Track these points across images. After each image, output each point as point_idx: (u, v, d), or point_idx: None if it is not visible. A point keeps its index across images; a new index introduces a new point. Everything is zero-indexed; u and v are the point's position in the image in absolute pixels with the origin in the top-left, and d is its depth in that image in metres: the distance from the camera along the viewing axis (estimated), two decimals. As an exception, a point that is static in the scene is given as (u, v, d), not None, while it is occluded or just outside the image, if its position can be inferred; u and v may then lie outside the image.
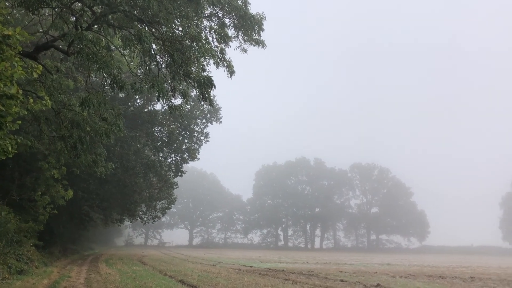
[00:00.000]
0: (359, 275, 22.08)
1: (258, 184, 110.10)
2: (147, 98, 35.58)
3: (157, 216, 45.37)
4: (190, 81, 14.81)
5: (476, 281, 20.33)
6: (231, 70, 15.68)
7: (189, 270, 22.03)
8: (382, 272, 25.10)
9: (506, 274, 26.27)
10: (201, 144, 40.47)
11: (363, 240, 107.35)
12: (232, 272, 21.76)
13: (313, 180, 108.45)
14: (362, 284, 17.10)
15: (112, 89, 14.42)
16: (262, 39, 16.21)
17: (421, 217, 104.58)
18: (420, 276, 22.56)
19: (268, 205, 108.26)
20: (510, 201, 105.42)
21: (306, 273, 22.05)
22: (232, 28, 15.95)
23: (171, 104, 15.52)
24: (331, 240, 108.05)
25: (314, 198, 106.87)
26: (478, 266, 35.69)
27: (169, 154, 39.52)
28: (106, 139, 16.29)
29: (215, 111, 39.92)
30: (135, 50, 14.50)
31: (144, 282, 15.66)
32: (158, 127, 37.67)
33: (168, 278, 18.10)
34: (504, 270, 31.23)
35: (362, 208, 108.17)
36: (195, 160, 40.76)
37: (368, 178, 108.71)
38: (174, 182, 42.67)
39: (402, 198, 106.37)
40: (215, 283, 15.97)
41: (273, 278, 18.86)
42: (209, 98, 14.95)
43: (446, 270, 29.15)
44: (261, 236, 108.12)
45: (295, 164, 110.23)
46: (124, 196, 37.01)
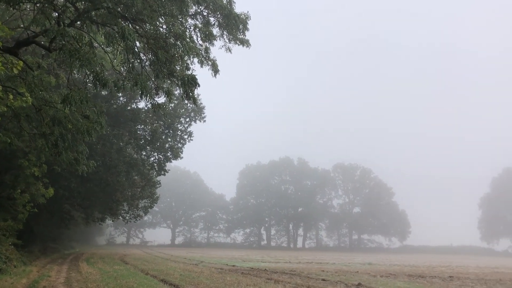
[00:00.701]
0: (340, 274, 22.27)
1: (241, 184, 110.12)
2: (130, 96, 35.27)
3: (139, 215, 45.08)
4: (174, 80, 14.72)
5: (454, 280, 20.69)
6: (216, 69, 15.64)
7: (171, 269, 21.93)
8: (364, 271, 25.34)
9: (484, 273, 26.81)
10: (185, 143, 40.32)
11: (345, 239, 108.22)
12: (214, 271, 21.73)
13: (297, 179, 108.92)
14: (344, 284, 17.24)
15: (95, 86, 14.23)
16: (247, 39, 16.19)
17: (402, 217, 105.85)
18: (401, 275, 22.85)
19: (251, 204, 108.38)
20: (488, 202, 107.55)
21: (288, 273, 22.15)
22: (216, 27, 15.89)
23: (155, 103, 15.41)
24: (313, 240, 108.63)
25: (297, 197, 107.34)
26: (457, 266, 36.31)
27: (152, 152, 39.26)
28: (88, 137, 16.08)
29: (199, 110, 39.81)
30: (119, 47, 14.35)
31: (125, 282, 15.54)
32: (141, 126, 37.36)
33: (150, 277, 17.99)
34: (482, 269, 31.85)
35: (345, 208, 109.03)
36: (178, 159, 40.62)
37: (350, 178, 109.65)
38: (157, 181, 42.47)
39: (384, 198, 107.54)
40: (197, 282, 15.93)
41: (256, 277, 18.89)
42: (193, 96, 14.87)
43: (426, 269, 29.58)
44: (244, 236, 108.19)
45: (278, 164, 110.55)
46: (106, 195, 36.66)
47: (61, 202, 35.19)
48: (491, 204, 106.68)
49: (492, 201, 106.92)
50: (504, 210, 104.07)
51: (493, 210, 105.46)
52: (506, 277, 23.42)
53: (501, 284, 19.45)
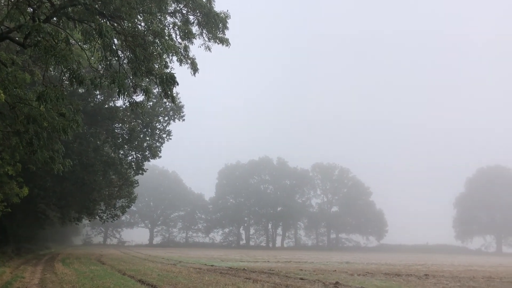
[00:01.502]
0: (318, 273, 22.42)
1: (221, 183, 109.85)
2: (108, 94, 34.83)
3: (116, 214, 44.56)
4: (152, 78, 14.60)
5: (430, 278, 21.05)
6: (195, 67, 15.56)
7: (148, 270, 21.74)
8: (341, 270, 25.57)
9: (458, 271, 27.38)
10: (163, 142, 39.98)
11: (323, 238, 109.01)
12: (192, 271, 21.62)
13: (276, 179, 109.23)
14: (322, 282, 17.36)
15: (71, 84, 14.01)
16: (226, 38, 16.17)
17: (379, 216, 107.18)
18: (378, 274, 23.13)
19: (230, 204, 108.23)
20: (463, 201, 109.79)
21: (267, 272, 22.19)
22: (196, 25, 15.82)
23: (133, 101, 15.25)
24: (292, 239, 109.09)
25: (276, 197, 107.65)
26: (432, 264, 36.96)
27: (129, 151, 38.82)
28: (64, 135, 15.80)
29: (178, 109, 39.52)
30: (96, 44, 14.14)
31: (102, 282, 15.33)
32: (118, 124, 36.91)
33: (127, 277, 17.79)
34: (456, 267, 32.52)
35: (323, 207, 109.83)
36: (156, 158, 40.25)
37: (329, 178, 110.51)
38: (135, 180, 42.03)
39: (361, 197, 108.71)
40: (175, 283, 15.82)
41: (234, 277, 18.87)
42: (172, 95, 14.77)
43: (402, 268, 30.03)
44: (223, 235, 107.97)
45: (258, 163, 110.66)
46: (83, 194, 36.12)
47: (36, 201, 34.53)
48: (466, 203, 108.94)
49: (466, 201, 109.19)
50: (477, 210, 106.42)
51: (468, 209, 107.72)
52: (479, 275, 23.97)
53: (474, 281, 19.88)
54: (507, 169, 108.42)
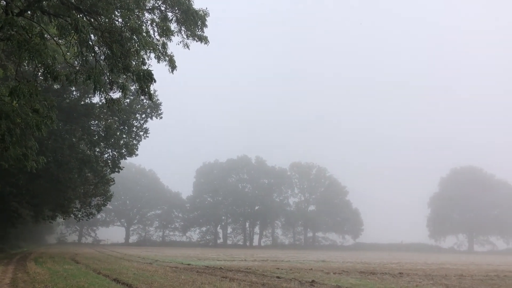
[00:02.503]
0: (295, 271, 22.53)
1: (198, 182, 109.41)
2: (84, 90, 34.27)
3: (92, 213, 43.96)
4: (130, 74, 14.43)
5: (404, 276, 21.38)
6: (173, 65, 15.45)
7: (124, 269, 21.47)
8: (317, 268, 25.76)
9: (431, 269, 27.90)
10: (140, 140, 39.59)
11: (300, 237, 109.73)
12: (169, 270, 21.46)
13: (254, 178, 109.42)
14: (298, 281, 17.45)
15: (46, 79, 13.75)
16: (205, 35, 16.11)
17: (355, 215, 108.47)
18: (353, 272, 23.38)
19: (208, 203, 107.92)
20: (437, 201, 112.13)
21: (243, 271, 22.19)
22: (174, 22, 15.72)
23: (109, 98, 15.06)
24: (269, 238, 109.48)
25: (254, 196, 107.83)
26: (406, 263, 37.56)
27: (106, 149, 38.30)
28: (38, 132, 15.48)
29: (156, 106, 39.17)
30: (72, 40, 13.89)
31: (76, 281, 15.07)
32: (95, 121, 36.40)
33: (102, 276, 17.54)
34: (429, 266, 33.12)
35: (300, 206, 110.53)
36: (133, 156, 39.81)
37: (306, 177, 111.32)
38: (111, 178, 41.51)
39: (338, 196, 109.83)
40: (151, 282, 15.67)
41: (211, 275, 18.81)
42: (149, 92, 14.64)
43: (377, 266, 30.42)
44: (200, 234, 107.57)
45: (236, 162, 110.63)
46: (57, 192, 35.48)
47: (8, 199, 33.77)
48: (439, 203, 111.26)
49: (440, 200, 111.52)
50: (450, 209, 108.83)
51: (441, 209, 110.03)
52: (451, 273, 24.49)
53: (446, 279, 20.30)
54: (479, 170, 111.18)
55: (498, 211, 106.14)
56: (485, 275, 23.17)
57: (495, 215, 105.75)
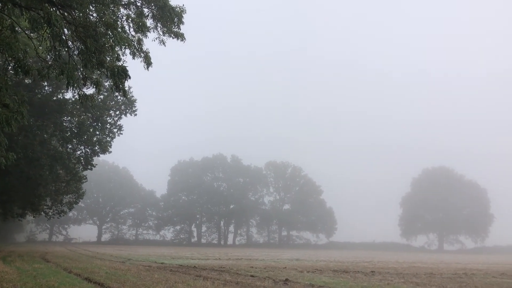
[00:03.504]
0: (269, 270, 22.61)
1: (173, 180, 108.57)
2: (56, 85, 33.53)
3: (63, 210, 43.11)
4: (104, 70, 14.18)
5: (376, 275, 21.72)
6: (148, 61, 15.26)
7: (96, 267, 21.14)
8: (291, 267, 25.91)
9: (402, 268, 28.42)
10: (114, 137, 39.00)
11: (274, 236, 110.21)
12: (142, 269, 21.24)
13: (230, 177, 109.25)
14: (272, 279, 17.51)
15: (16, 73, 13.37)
16: (181, 32, 15.96)
17: (329, 214, 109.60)
18: (326, 271, 23.61)
19: (182, 201, 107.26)
20: (409, 201, 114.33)
21: (217, 269, 22.14)
22: (150, 18, 15.51)
23: (82, 94, 14.77)
24: (244, 236, 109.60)
25: (229, 194, 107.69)
26: (378, 261, 38.15)
27: (78, 146, 37.59)
28: (7, 128, 15.05)
29: (130, 103, 38.66)
30: (44, 33, 13.56)
31: (45, 281, 14.75)
32: (67, 117, 35.65)
33: (73, 275, 17.22)
34: (401, 264, 33.74)
35: (275, 205, 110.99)
36: (106, 153, 39.21)
37: (282, 176, 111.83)
38: (83, 176, 40.76)
39: (313, 195, 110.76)
40: (123, 280, 15.48)
41: (184, 274, 18.71)
42: (123, 89, 14.41)
43: (350, 265, 30.80)
44: (174, 233, 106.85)
45: (212, 161, 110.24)
46: (27, 189, 34.63)
47: (-25, 196, 32.79)
48: (411, 203, 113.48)
49: (412, 200, 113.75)
50: (422, 209, 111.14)
51: (413, 208, 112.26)
52: (421, 271, 25.01)
53: (416, 277, 20.71)
54: (450, 170, 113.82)
55: (467, 211, 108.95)
56: (454, 274, 23.76)
57: (464, 215, 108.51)
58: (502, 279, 20.92)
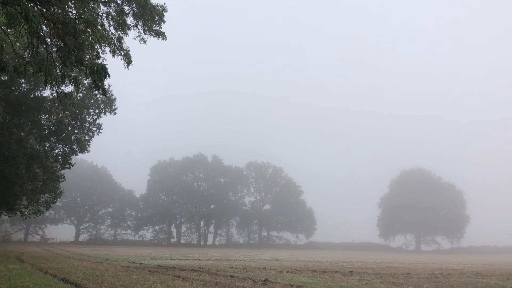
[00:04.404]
0: (248, 270, 22.63)
1: (152, 180, 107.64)
2: (34, 83, 32.95)
3: (40, 210, 42.31)
4: (83, 68, 13.98)
5: (354, 275, 21.95)
6: (128, 59, 15.12)
7: (73, 268, 20.83)
8: (271, 267, 25.98)
9: (380, 268, 28.79)
10: (93, 136, 38.52)
11: (254, 236, 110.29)
12: (120, 269, 21.01)
13: (210, 177, 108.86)
14: (251, 280, 17.53)
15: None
16: (162, 31, 15.87)
17: (309, 214, 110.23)
18: (305, 271, 23.75)
19: (162, 201, 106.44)
20: (387, 201, 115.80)
21: (197, 270, 22.06)
22: (131, 16, 15.38)
23: (61, 91, 14.52)
24: (224, 237, 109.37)
25: (210, 195, 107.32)
26: (357, 261, 38.54)
27: (56, 144, 37.00)
28: (-18, 125, 14.76)
29: (110, 102, 38.23)
30: (22, 29, 13.30)
31: (20, 282, 14.47)
32: (45, 115, 35.05)
33: (49, 276, 16.93)
34: (379, 264, 34.16)
35: (256, 205, 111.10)
36: (85, 152, 38.68)
37: (262, 176, 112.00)
38: (61, 175, 40.13)
39: (293, 196, 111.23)
40: (101, 281, 15.29)
41: (163, 275, 18.58)
42: (103, 87, 14.23)
43: (329, 265, 31.05)
44: (153, 233, 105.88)
45: (192, 161, 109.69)
46: (2, 188, 33.91)
47: None
48: (389, 204, 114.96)
49: (390, 201, 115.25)
50: (400, 210, 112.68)
51: (391, 209, 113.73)
52: (399, 271, 25.36)
53: (394, 277, 21.00)
54: (427, 172, 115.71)
55: (443, 212, 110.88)
56: (431, 274, 24.17)
57: (441, 216, 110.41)
58: (477, 279, 21.37)
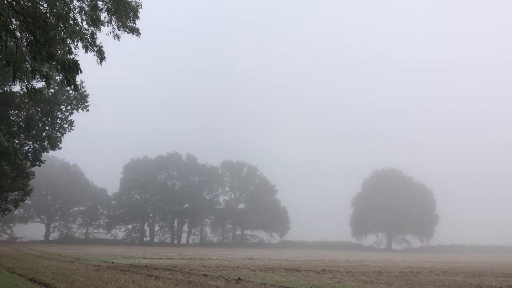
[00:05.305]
0: (222, 269, 22.64)
1: (125, 178, 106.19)
2: (3, 77, 32.06)
3: (8, 208, 41.20)
4: (54, 63, 13.67)
5: (327, 273, 22.22)
6: (102, 56, 14.87)
7: (42, 267, 20.41)
8: (244, 266, 26.05)
9: (352, 266, 29.25)
10: (65, 133, 37.75)
11: (229, 235, 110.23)
12: (91, 268, 20.71)
13: (184, 175, 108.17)
14: (224, 278, 17.54)
15: (-42, 63, 12.64)
16: (137, 27, 15.67)
17: (283, 213, 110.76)
18: (279, 269, 23.91)
19: (135, 200, 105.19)
20: (359, 201, 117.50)
21: (169, 269, 21.94)
22: (105, 12, 15.12)
23: (31, 87, 14.19)
24: (198, 236, 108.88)
25: (184, 193, 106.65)
26: (329, 260, 39.03)
27: (26, 141, 36.12)
28: None
29: (82, 98, 37.49)
30: (-10, 22, 12.92)
31: (-14, 282, 14.10)
32: (14, 111, 34.15)
33: (16, 276, 16.55)
34: (351, 263, 34.70)
35: (230, 204, 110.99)
36: (56, 149, 37.85)
37: (237, 175, 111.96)
38: (31, 172, 39.15)
39: (267, 195, 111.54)
40: (71, 281, 15.03)
41: (135, 274, 18.40)
42: (74, 83, 13.94)
43: (302, 263, 31.36)
44: (126, 232, 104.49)
45: (166, 159, 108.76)
46: (-32, 186, 32.93)
47: None
48: (362, 203, 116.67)
49: (362, 200, 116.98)
50: (372, 209, 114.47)
51: (363, 209, 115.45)
52: (370, 270, 25.81)
53: (365, 275, 21.35)
54: (399, 172, 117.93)
55: (414, 212, 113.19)
56: (401, 272, 24.67)
57: (411, 216, 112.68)
58: (445, 277, 21.94)
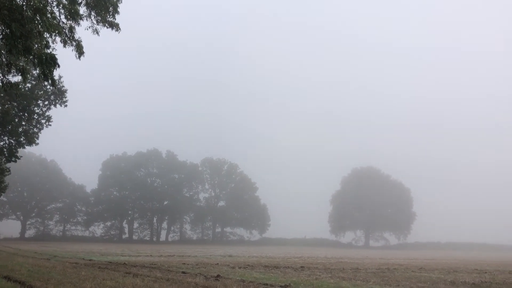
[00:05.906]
0: (201, 266, 22.63)
1: (104, 175, 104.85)
2: (-23, 71, 31.31)
3: (-18, 205, 40.43)
4: (31, 57, 13.41)
5: (305, 270, 22.42)
6: (80, 50, 14.65)
7: (17, 265, 20.06)
8: (223, 263, 26.09)
9: (330, 263, 29.57)
10: (42, 128, 37.09)
11: (208, 232, 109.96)
12: (68, 266, 20.45)
13: (164, 172, 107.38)
14: (203, 276, 17.53)
15: None
16: (116, 22, 15.48)
17: (263, 211, 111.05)
18: (258, 266, 24.01)
19: (114, 196, 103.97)
20: (338, 198, 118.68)
21: (148, 266, 21.82)
22: (84, 6, 14.90)
23: (7, 81, 13.91)
24: (177, 233, 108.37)
25: (163, 190, 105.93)
26: (308, 257, 39.36)
27: (1, 136, 35.36)
28: None
29: (60, 93, 36.90)
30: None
31: (-42, 280, 13.79)
32: (-11, 105, 33.39)
33: (-10, 274, 16.22)
34: (329, 260, 35.09)
35: (210, 202, 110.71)
36: (33, 145, 37.23)
37: (217, 172, 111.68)
38: (6, 168, 38.37)
39: (248, 192, 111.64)
40: (47, 278, 14.81)
41: (114, 271, 18.24)
42: (52, 78, 13.69)
43: (281, 260, 31.55)
44: (104, 229, 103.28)
45: (146, 156, 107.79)
46: None
47: None
48: (340, 201, 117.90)
49: (341, 198, 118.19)
50: (350, 207, 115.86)
51: (342, 206, 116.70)
52: (348, 266, 26.13)
53: (343, 272, 21.62)
54: (377, 170, 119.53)
55: (392, 210, 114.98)
56: (378, 268, 25.05)
57: (389, 213, 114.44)
58: (421, 273, 22.36)
